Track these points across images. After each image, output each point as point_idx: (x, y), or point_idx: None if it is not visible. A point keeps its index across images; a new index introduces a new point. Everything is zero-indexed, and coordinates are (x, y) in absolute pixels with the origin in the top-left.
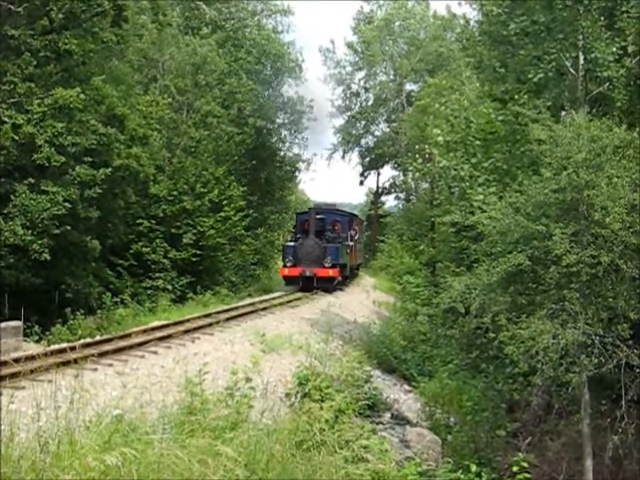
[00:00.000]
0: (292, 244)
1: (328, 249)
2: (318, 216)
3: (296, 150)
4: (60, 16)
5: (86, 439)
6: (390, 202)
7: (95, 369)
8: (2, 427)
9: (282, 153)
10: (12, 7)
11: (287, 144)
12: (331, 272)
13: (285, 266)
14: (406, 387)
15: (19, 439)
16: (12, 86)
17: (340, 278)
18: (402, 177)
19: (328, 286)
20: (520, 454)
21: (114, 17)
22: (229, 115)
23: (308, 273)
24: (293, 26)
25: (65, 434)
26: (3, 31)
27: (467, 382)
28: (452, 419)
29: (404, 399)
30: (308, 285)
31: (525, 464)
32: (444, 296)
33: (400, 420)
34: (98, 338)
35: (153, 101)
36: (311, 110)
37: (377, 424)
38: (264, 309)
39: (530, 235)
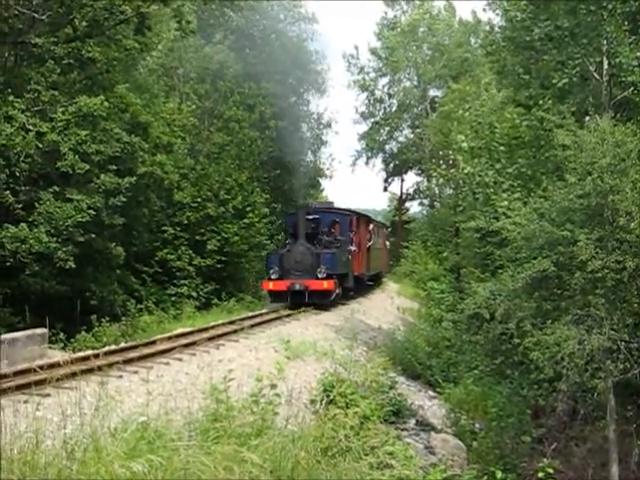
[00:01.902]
0: (277, 252)
1: (322, 256)
2: (310, 216)
3: (319, 158)
4: (84, 24)
5: (112, 446)
6: (414, 208)
7: (120, 376)
8: (29, 434)
9: (305, 161)
10: (36, 15)
11: (310, 152)
12: (326, 284)
13: (269, 279)
14: (431, 393)
15: (45, 446)
16: (36, 94)
17: (338, 291)
18: (426, 183)
19: (323, 302)
20: (545, 460)
21: (137, 25)
22: (251, 119)
23: (297, 286)
24: (317, 34)
25: (91, 441)
26: (27, 39)
27: (492, 388)
28: (477, 425)
29: (429, 405)
30: (298, 301)
31: (551, 470)
32: (469, 302)
33: (425, 426)
34: (123, 345)
35: (177, 108)
36: (335, 119)
37: (402, 430)
38: (288, 315)
39: (555, 241)
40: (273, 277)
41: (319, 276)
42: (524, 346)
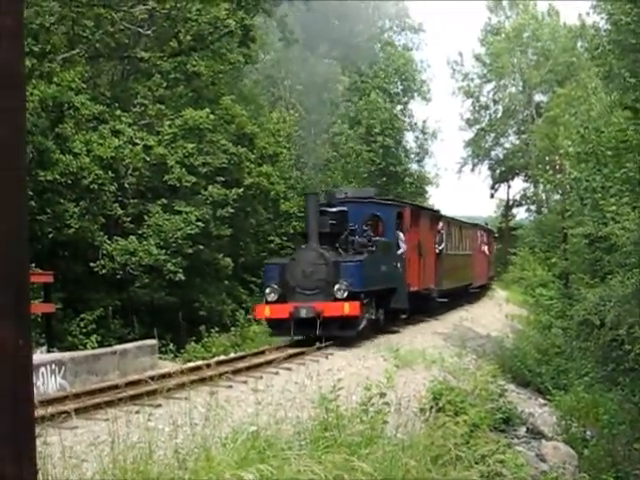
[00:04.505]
0: (278, 262)
1: (342, 266)
2: (332, 209)
3: (424, 167)
4: (188, 38)
5: (223, 455)
6: (521, 214)
7: (230, 386)
8: (141, 445)
9: (411, 169)
10: (141, 30)
11: (415, 160)
12: (347, 308)
13: (266, 302)
14: (541, 401)
15: (157, 456)
16: (143, 108)
17: (372, 317)
18: (533, 189)
19: (345, 334)
20: None
21: (241, 37)
22: (357, 133)
23: (305, 312)
24: (423, 43)
25: (202, 451)
26: (132, 54)
27: (603, 395)
28: (588, 432)
29: (539, 413)
30: (306, 333)
31: None
32: (578, 308)
33: (535, 434)
34: (232, 355)
35: (280, 118)
36: (439, 128)
37: (512, 438)
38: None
39: None
40: (270, 299)
41: (337, 296)
42: (635, 352)
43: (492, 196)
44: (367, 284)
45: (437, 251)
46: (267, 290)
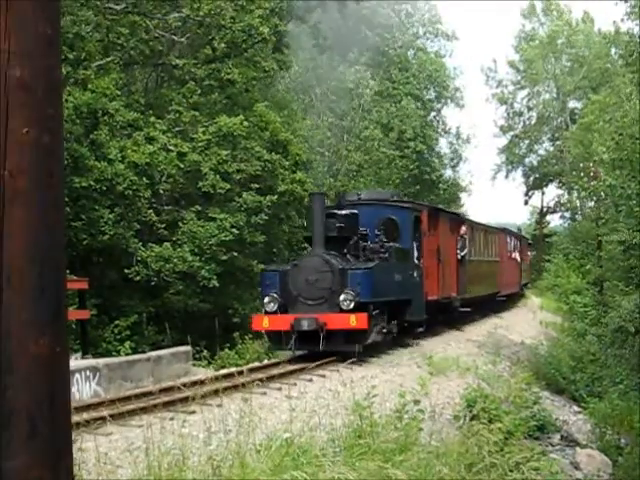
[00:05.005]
0: (278, 268)
1: (350, 274)
2: (341, 212)
3: (458, 173)
4: (222, 45)
5: (257, 462)
6: (555, 221)
7: (263, 393)
8: (175, 451)
9: (445, 176)
10: (175, 37)
11: (450, 166)
12: (354, 320)
13: (266, 312)
14: (575, 408)
15: (192, 462)
16: (177, 115)
17: (384, 329)
18: (567, 196)
19: (352, 349)
20: None
21: (275, 43)
22: (389, 138)
23: (307, 324)
24: (457, 51)
25: (236, 457)
26: (167, 61)
27: (637, 403)
28: (623, 440)
29: (573, 420)
30: (309, 347)
31: None
32: (613, 315)
33: (570, 442)
34: (266, 362)
35: (313, 125)
36: (474, 134)
37: (547, 446)
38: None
39: None
40: (269, 309)
41: (343, 307)
42: None
43: (526, 203)
44: (377, 294)
45: (459, 257)
46: (266, 299)
